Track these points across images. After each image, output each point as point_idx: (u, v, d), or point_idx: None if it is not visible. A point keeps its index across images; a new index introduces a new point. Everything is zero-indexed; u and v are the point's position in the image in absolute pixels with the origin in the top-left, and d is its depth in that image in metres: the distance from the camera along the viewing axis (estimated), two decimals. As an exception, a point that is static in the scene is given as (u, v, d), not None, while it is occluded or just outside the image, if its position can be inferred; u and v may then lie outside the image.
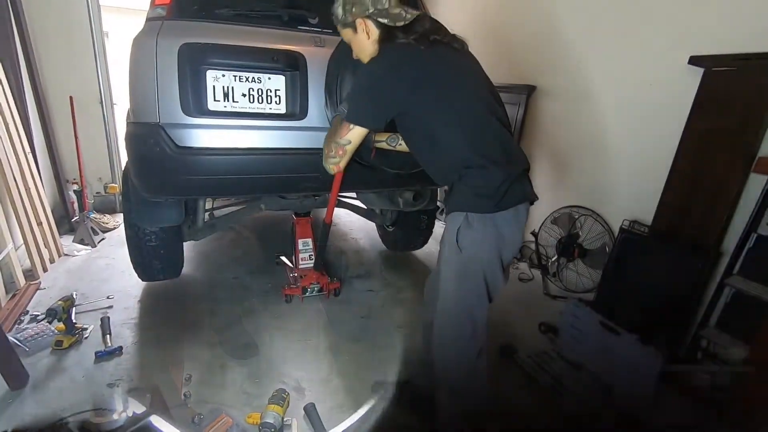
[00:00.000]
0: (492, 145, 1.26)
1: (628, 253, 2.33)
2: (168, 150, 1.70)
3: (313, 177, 1.95)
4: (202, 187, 1.85)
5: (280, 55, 1.81)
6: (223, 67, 1.74)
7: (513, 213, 1.23)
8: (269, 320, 2.34)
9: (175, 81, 1.69)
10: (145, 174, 1.80)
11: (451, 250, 1.26)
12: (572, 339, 2.12)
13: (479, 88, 1.33)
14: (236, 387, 1.82)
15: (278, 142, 1.87)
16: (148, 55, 1.67)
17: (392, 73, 1.26)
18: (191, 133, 1.74)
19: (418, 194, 2.43)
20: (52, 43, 3.47)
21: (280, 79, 1.84)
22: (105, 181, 3.97)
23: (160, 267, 2.41)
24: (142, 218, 2.13)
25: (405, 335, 2.28)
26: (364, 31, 1.38)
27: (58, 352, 1.97)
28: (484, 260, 1.23)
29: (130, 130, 1.77)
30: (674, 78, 2.27)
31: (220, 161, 1.80)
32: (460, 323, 1.28)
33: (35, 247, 2.68)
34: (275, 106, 1.85)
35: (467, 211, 1.22)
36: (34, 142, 3.13)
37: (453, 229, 1.24)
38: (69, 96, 3.58)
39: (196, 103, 1.73)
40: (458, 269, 1.26)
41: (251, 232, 3.66)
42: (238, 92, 1.78)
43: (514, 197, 1.23)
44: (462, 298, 1.27)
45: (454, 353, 1.32)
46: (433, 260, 3.31)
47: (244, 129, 1.82)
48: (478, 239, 1.22)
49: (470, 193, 1.22)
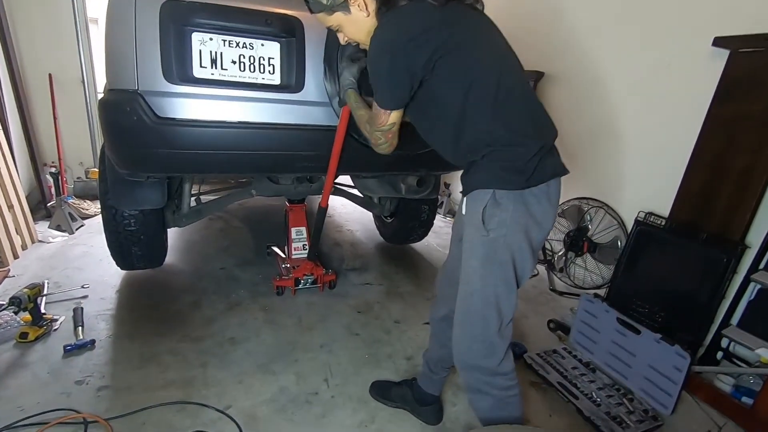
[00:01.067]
0: (521, 115, 1.10)
1: (643, 246, 2.19)
2: (147, 120, 1.52)
3: (309, 155, 1.78)
4: (185, 163, 1.67)
5: (275, 19, 1.63)
6: (211, 29, 1.56)
7: (544, 189, 1.08)
8: (258, 314, 2.17)
9: (157, 43, 1.50)
10: (121, 147, 1.62)
11: (475, 232, 1.09)
12: (585, 337, 1.98)
13: (505, 53, 1.17)
14: (218, 386, 1.65)
15: (271, 117, 1.69)
16: (126, 13, 1.48)
17: (408, 42, 1.07)
18: (174, 102, 1.56)
19: (422, 180, 2.27)
20: (31, 18, 3.26)
21: (274, 46, 1.66)
22: (86, 166, 3.76)
23: (140, 254, 2.22)
24: (120, 199, 1.94)
25: (403, 331, 2.13)
26: (360, 7, 1.19)
27: (23, 345, 1.78)
28: (513, 243, 1.07)
29: (104, 98, 1.58)
30: (694, 61, 2.13)
31: (206, 134, 1.62)
32: (486, 316, 1.12)
33: (5, 232, 2.47)
34: (269, 76, 1.67)
35: (494, 188, 1.06)
36: (8, 120, 2.92)
37: (477, 209, 1.08)
38: (48, 74, 3.38)
39: (180, 69, 1.54)
40: (484, 253, 1.09)
41: (241, 221, 3.48)
42: (228, 59, 1.60)
43: (546, 171, 1.08)
44: (488, 285, 1.10)
45: (478, 351, 1.14)
46: (432, 253, 3.16)
47: (233, 100, 1.64)
48: (506, 219, 1.06)
49: (497, 168, 1.07)
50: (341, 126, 1.67)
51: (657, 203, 2.27)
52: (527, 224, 1.07)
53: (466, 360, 1.17)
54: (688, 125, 2.12)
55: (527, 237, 1.08)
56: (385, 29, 1.12)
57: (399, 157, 1.85)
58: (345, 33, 1.27)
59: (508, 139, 1.07)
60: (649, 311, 2.07)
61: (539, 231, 1.10)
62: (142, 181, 1.90)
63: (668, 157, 2.27)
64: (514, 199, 1.06)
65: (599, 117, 2.65)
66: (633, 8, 2.42)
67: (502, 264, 1.08)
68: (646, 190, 2.41)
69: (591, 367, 1.90)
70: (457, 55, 1.08)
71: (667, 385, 1.63)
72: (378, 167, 2.02)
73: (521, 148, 1.06)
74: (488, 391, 1.16)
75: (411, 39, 1.07)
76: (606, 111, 2.61)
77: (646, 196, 2.38)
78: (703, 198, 2.02)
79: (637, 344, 1.75)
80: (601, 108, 2.63)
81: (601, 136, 2.64)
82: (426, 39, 1.06)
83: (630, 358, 1.78)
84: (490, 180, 1.07)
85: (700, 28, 2.07)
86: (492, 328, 1.11)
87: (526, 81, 1.17)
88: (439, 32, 1.07)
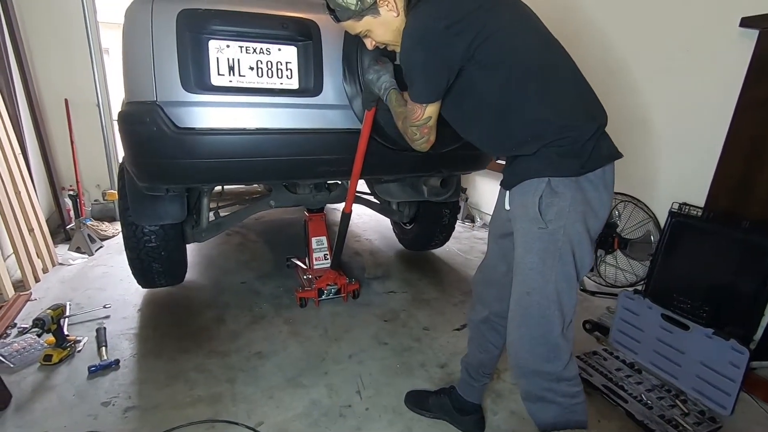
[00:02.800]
0: (571, 97, 1.04)
1: (680, 239, 2.08)
2: (167, 130, 1.50)
3: (329, 159, 1.75)
4: (205, 172, 1.64)
5: (292, 23, 1.61)
6: (228, 37, 1.54)
7: (600, 174, 1.01)
8: (283, 326, 2.11)
9: (174, 53, 1.49)
10: (141, 159, 1.59)
11: (531, 225, 1.01)
12: (627, 336, 1.88)
13: (546, 35, 1.11)
14: (247, 402, 1.58)
15: (291, 122, 1.66)
16: (143, 25, 1.47)
17: (445, 29, 1.01)
18: (193, 111, 1.54)
19: (445, 181, 2.21)
20: (46, 44, 3.32)
21: (291, 51, 1.63)
22: (103, 188, 3.77)
23: (161, 271, 2.18)
24: (140, 215, 1.92)
25: (433, 338, 2.05)
26: (389, 7, 1.15)
27: (47, 367, 1.74)
28: (572, 234, 0.99)
29: (123, 111, 1.57)
30: (720, 42, 2.06)
31: (225, 143, 1.59)
32: (547, 316, 1.02)
33: (26, 256, 2.46)
34: (287, 81, 1.65)
35: (549, 176, 0.99)
36: (27, 145, 2.95)
37: (532, 200, 1.00)
38: (64, 98, 3.43)
39: (198, 78, 1.52)
40: (543, 247, 1.00)
41: (258, 235, 3.45)
42: (245, 65, 1.58)
43: (602, 155, 1.01)
44: (548, 282, 1.01)
45: (541, 355, 1.05)
46: (455, 258, 3.08)
47: (252, 106, 1.61)
48: (565, 208, 0.98)
49: (552, 154, 0.99)
50: (365, 129, 1.63)
51: (690, 193, 2.18)
52: (585, 213, 1.00)
53: (526, 365, 1.07)
54: (718, 110, 2.04)
55: (586, 227, 1.00)
56: (419, 18, 1.07)
57: (422, 157, 1.81)
58: (373, 37, 1.23)
59: (559, 123, 1.00)
60: (691, 306, 1.96)
61: (596, 220, 1.03)
62: (162, 196, 1.88)
63: (699, 145, 2.18)
64: (571, 186, 0.98)
65: (621, 107, 2.57)
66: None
67: (563, 257, 1.00)
68: (677, 181, 2.31)
69: (636, 368, 1.79)
70: (497, 40, 1.01)
71: (723, 384, 1.52)
72: (401, 169, 1.97)
73: (575, 131, 0.99)
74: (552, 398, 1.05)
75: (448, 26, 1.01)
76: (629, 100, 2.53)
77: (678, 186, 2.29)
78: (742, 184, 1.93)
79: (686, 341, 1.65)
80: (624, 97, 2.55)
81: (626, 127, 2.56)
82: (465, 25, 1.00)
83: (679, 357, 1.67)
84: (544, 167, 1.00)
85: (726, 8, 2.00)
86: (555, 328, 1.02)
87: (572, 62, 1.10)
88: (478, 17, 1.01)
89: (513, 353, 1.10)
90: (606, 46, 2.62)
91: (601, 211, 1.03)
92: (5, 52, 2.79)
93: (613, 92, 2.60)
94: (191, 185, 1.97)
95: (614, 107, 2.76)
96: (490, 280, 1.31)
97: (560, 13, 2.90)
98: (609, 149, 1.05)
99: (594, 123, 1.02)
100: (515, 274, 1.08)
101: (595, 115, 1.05)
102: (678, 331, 1.68)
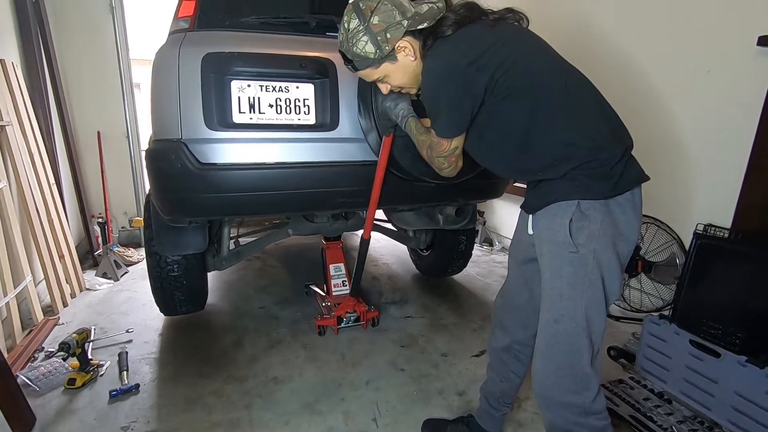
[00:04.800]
0: (597, 119, 1.03)
1: (707, 261, 2.00)
2: (190, 167, 1.56)
3: (346, 191, 1.78)
4: (226, 206, 1.69)
5: (309, 62, 1.68)
6: (249, 77, 1.61)
7: (629, 197, 0.99)
8: (300, 351, 2.11)
9: (198, 94, 1.56)
10: (166, 194, 1.66)
11: (560, 249, 0.99)
12: (654, 364, 1.80)
13: (563, 61, 1.11)
14: (264, 428, 1.57)
15: (308, 155, 1.71)
16: (170, 68, 1.55)
17: (468, 66, 1.01)
18: (215, 148, 1.60)
19: (461, 209, 2.21)
20: (82, 81, 3.53)
21: (308, 88, 1.70)
22: (130, 215, 3.91)
23: (182, 299, 2.22)
24: (164, 245, 1.97)
25: (451, 364, 2.01)
26: (406, 52, 1.15)
27: (71, 391, 1.78)
28: (602, 258, 0.97)
29: (150, 149, 1.65)
30: (739, 61, 2.04)
31: (246, 177, 1.64)
32: (576, 345, 0.98)
33: (56, 282, 2.56)
34: (304, 117, 1.70)
35: (579, 198, 0.97)
36: (61, 176, 3.10)
37: (561, 223, 0.99)
38: (97, 131, 3.62)
39: (221, 116, 1.59)
40: (573, 272, 0.98)
41: (277, 260, 3.49)
42: (265, 103, 1.64)
43: (631, 177, 1.00)
44: (578, 309, 0.98)
45: (568, 386, 1.01)
46: (473, 282, 3.04)
47: (271, 142, 1.66)
48: (596, 231, 0.96)
49: (582, 176, 0.98)
50: (383, 154, 1.66)
51: (715, 214, 2.12)
52: (615, 237, 0.98)
53: (552, 396, 1.03)
54: (740, 129, 2.01)
55: (615, 251, 0.98)
56: (441, 56, 1.08)
57: (437, 187, 1.83)
58: (390, 81, 1.24)
59: (588, 146, 0.99)
60: (723, 332, 1.86)
61: (626, 244, 1.01)
62: (185, 227, 1.93)
63: (722, 165, 2.14)
64: (601, 209, 0.97)
65: (640, 127, 2.53)
66: (668, 12, 2.37)
67: (593, 283, 0.97)
68: (701, 202, 2.26)
69: (665, 398, 1.71)
70: (518, 70, 1.02)
71: (760, 415, 1.44)
72: (416, 199, 1.98)
73: (604, 153, 0.98)
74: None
75: (471, 63, 1.02)
76: (648, 120, 2.51)
77: (702, 207, 2.24)
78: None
79: (719, 369, 1.57)
80: (642, 118, 2.53)
81: (645, 148, 2.51)
82: (486, 60, 1.01)
83: (711, 386, 1.59)
84: (573, 190, 0.98)
85: (743, 27, 1.99)
86: (584, 358, 0.99)
87: (593, 85, 1.10)
88: (497, 51, 1.02)
89: (538, 383, 1.06)
90: (628, 69, 2.62)
91: (630, 234, 1.01)
92: (45, 92, 2.98)
93: (635, 113, 2.58)
94: (213, 218, 2.02)
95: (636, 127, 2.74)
96: (512, 307, 1.28)
97: (575, 34, 2.95)
98: (637, 172, 1.03)
99: (622, 145, 1.02)
100: (543, 299, 1.05)
101: (622, 138, 1.04)
102: (709, 359, 1.60)
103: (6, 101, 2.38)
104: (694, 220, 2.13)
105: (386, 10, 1.12)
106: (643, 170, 1.06)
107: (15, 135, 2.40)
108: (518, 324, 1.27)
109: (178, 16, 1.75)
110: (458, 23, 1.08)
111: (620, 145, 1.01)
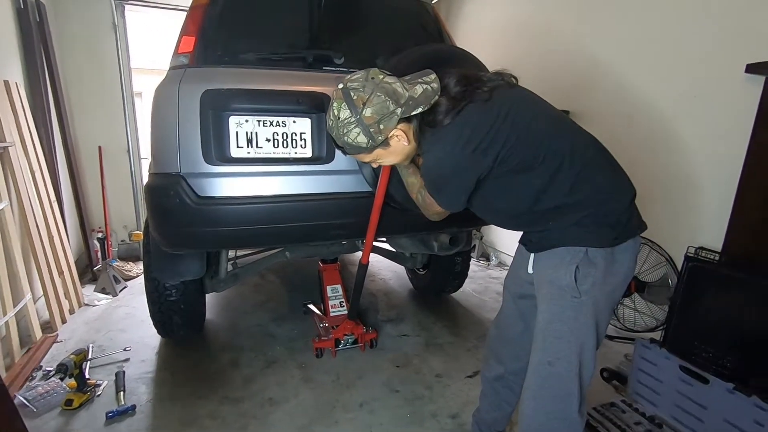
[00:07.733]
0: (603, 170, 1.06)
1: (698, 284, 2.04)
2: (189, 201, 1.58)
3: (341, 224, 1.81)
4: (225, 238, 1.71)
5: (305, 97, 1.70)
6: (247, 112, 1.64)
7: (632, 244, 1.04)
8: (295, 371, 2.12)
9: (197, 129, 1.59)
10: (165, 227, 1.68)
11: (563, 294, 1.01)
12: (646, 387, 1.82)
13: (560, 115, 1.14)
14: (259, 452, 1.59)
15: (305, 188, 1.74)
16: (170, 104, 1.58)
17: (473, 152, 1.01)
18: (213, 182, 1.63)
19: (455, 238, 2.24)
20: (83, 98, 3.58)
21: (305, 122, 1.73)
22: (130, 229, 3.94)
23: (180, 323, 2.24)
24: (163, 272, 1.99)
25: (445, 386, 2.02)
26: (399, 138, 1.11)
27: (67, 412, 1.79)
28: (600, 304, 1.00)
29: (149, 182, 1.67)
30: (727, 88, 2.09)
31: (243, 210, 1.66)
32: (568, 389, 1.01)
33: (55, 298, 2.58)
34: (301, 150, 1.73)
35: (587, 246, 0.99)
36: (62, 191, 3.14)
37: (567, 268, 1.00)
38: (98, 146, 3.66)
39: (219, 151, 1.62)
40: (574, 316, 1.00)
41: (275, 276, 3.51)
42: (262, 137, 1.67)
43: (634, 225, 1.03)
44: (573, 353, 1.00)
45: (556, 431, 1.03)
46: (469, 299, 3.06)
47: (268, 175, 1.70)
48: (599, 279, 0.99)
49: (590, 223, 1.00)
50: (383, 179, 1.67)
51: (706, 237, 2.15)
52: (614, 284, 1.01)
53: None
54: (731, 154, 2.04)
55: (612, 298, 1.02)
56: (443, 147, 1.05)
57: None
58: (382, 162, 1.23)
59: (598, 198, 1.01)
60: (713, 356, 1.89)
61: (622, 287, 1.04)
62: (183, 254, 1.95)
63: (713, 189, 2.17)
64: (607, 257, 0.99)
65: (633, 151, 2.59)
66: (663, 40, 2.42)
67: (590, 328, 1.01)
68: (692, 224, 2.29)
69: (657, 422, 1.73)
70: (523, 143, 1.02)
71: (749, 443, 1.46)
72: (409, 228, 2.01)
73: (613, 203, 1.01)
74: None
75: (476, 148, 1.01)
76: (640, 144, 2.55)
77: (693, 230, 2.27)
78: (760, 229, 1.89)
79: (707, 395, 1.59)
80: (634, 141, 2.57)
81: (638, 170, 2.55)
82: (489, 142, 1.01)
83: (701, 412, 1.61)
84: (583, 236, 1.00)
85: (731, 56, 2.04)
86: (573, 405, 1.02)
87: (595, 138, 1.12)
88: (499, 129, 1.02)
89: (525, 425, 1.08)
90: (617, 95, 2.67)
91: (628, 277, 1.05)
92: (48, 109, 3.02)
93: (625, 137, 2.63)
94: (211, 250, 2.04)
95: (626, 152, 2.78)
96: (506, 338, 1.30)
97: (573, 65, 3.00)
98: (638, 219, 1.07)
99: (629, 194, 1.05)
100: (536, 340, 1.07)
101: (628, 187, 1.07)
102: (698, 385, 1.62)
103: (9, 122, 2.42)
104: (685, 242, 2.16)
105: (379, 102, 1.06)
106: (642, 219, 1.09)
107: (17, 155, 2.44)
108: (512, 355, 1.29)
109: (178, 52, 1.76)
110: (454, 108, 1.05)
111: (627, 195, 1.05)
